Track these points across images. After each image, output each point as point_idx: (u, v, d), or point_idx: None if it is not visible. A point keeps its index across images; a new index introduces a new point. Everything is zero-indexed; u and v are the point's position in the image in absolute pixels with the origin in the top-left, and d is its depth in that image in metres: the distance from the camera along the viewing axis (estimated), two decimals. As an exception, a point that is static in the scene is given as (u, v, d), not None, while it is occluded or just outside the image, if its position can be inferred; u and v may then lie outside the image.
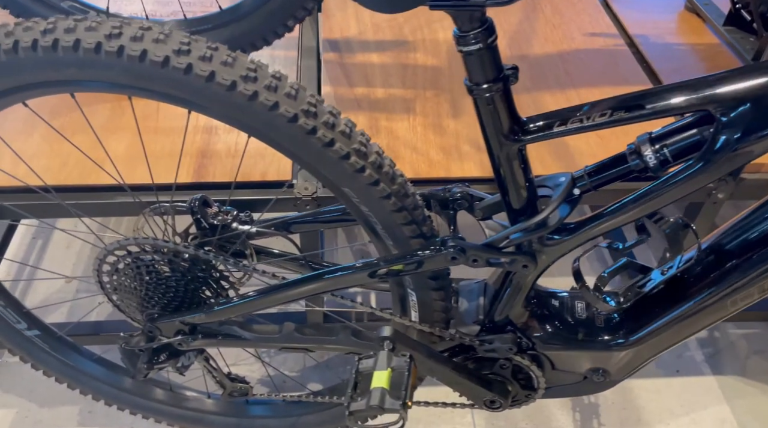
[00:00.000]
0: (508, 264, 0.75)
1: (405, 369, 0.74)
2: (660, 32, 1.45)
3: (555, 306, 0.84)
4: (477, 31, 0.60)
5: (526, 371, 0.86)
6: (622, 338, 0.81)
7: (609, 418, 1.27)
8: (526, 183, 0.71)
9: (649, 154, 0.65)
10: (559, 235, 0.72)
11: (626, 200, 0.68)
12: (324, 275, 0.81)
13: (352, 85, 1.27)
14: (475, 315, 0.86)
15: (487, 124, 0.67)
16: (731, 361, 1.38)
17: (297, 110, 0.67)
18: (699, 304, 0.75)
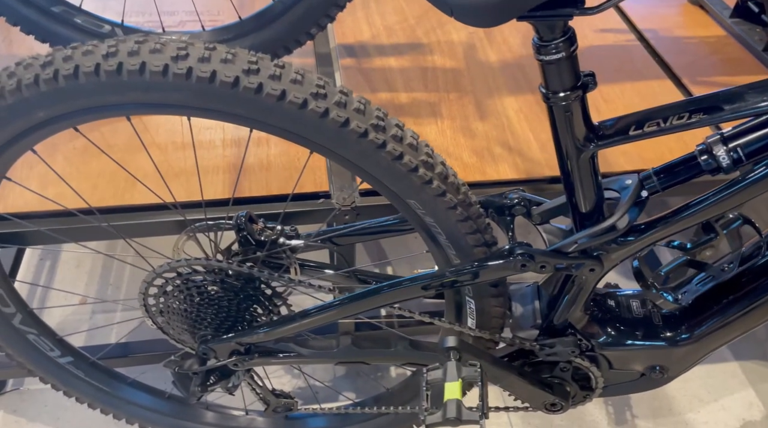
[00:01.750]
0: (575, 269, 0.75)
1: (477, 379, 0.74)
2: (668, 26, 1.47)
3: (612, 307, 0.85)
4: (559, 41, 0.60)
5: (585, 372, 0.86)
6: (681, 335, 0.82)
7: (641, 410, 1.29)
8: (594, 187, 0.71)
9: (722, 154, 0.66)
10: (627, 238, 0.73)
11: (697, 200, 0.68)
12: (384, 289, 0.79)
13: (374, 91, 1.25)
14: (533, 319, 0.86)
15: (561, 130, 0.66)
16: (752, 346, 1.41)
17: (367, 125, 0.66)
18: (758, 300, 0.76)
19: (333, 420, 1.08)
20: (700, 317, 0.80)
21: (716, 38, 1.44)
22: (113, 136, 1.10)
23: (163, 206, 0.90)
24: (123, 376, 1.08)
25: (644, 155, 1.12)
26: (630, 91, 1.28)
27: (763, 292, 0.75)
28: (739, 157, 0.65)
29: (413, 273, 0.80)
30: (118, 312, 1.44)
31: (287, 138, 0.68)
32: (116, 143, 1.09)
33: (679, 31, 1.46)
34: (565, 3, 0.56)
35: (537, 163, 1.11)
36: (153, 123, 1.14)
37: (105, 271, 1.51)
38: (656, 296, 0.79)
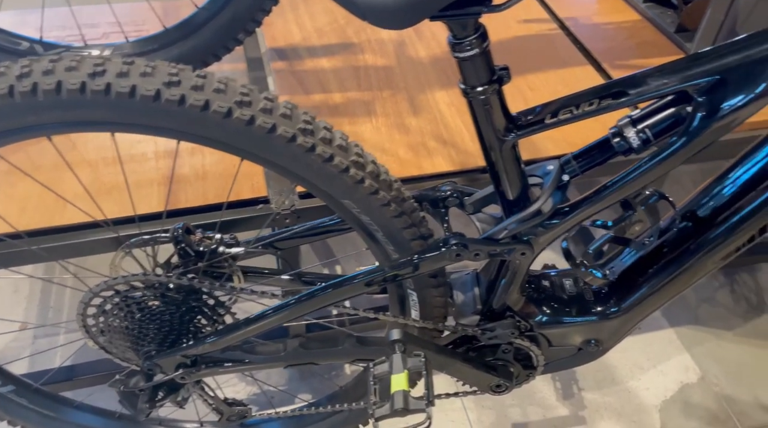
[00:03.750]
0: (507, 254, 0.78)
1: (422, 369, 0.76)
2: (587, 14, 1.54)
3: (547, 287, 0.89)
4: (472, 38, 0.62)
5: (526, 351, 0.90)
6: (611, 308, 0.86)
7: (587, 382, 1.35)
8: (519, 175, 0.74)
9: (632, 135, 0.70)
10: (553, 220, 0.76)
11: (614, 180, 0.73)
12: (327, 289, 0.81)
13: (308, 93, 1.26)
14: (474, 306, 0.89)
15: (482, 123, 0.69)
16: (685, 312, 1.49)
17: (294, 130, 0.67)
18: (679, 269, 0.81)
19: (288, 423, 1.09)
20: (628, 289, 0.85)
21: (632, 23, 1.51)
22: (40, 156, 1.07)
23: (95, 224, 0.88)
24: (69, 400, 1.06)
25: (569, 139, 1.17)
26: (554, 78, 1.33)
27: (681, 261, 0.80)
28: (648, 137, 0.70)
29: (356, 271, 0.82)
30: (61, 335, 1.40)
31: (216, 147, 0.68)
32: (44, 163, 1.06)
33: (598, 17, 1.53)
34: (473, 2, 0.58)
35: (470, 154, 1.14)
36: (81, 140, 1.11)
37: (44, 294, 1.46)
38: (585, 273, 0.83)
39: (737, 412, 1.30)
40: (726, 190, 0.76)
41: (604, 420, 1.28)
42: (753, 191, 0.74)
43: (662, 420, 1.28)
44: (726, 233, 0.76)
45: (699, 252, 0.78)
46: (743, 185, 0.75)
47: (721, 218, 0.76)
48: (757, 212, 0.74)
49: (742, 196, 0.75)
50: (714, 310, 1.50)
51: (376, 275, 0.79)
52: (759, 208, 0.73)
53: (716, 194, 0.77)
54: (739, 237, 0.76)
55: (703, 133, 0.65)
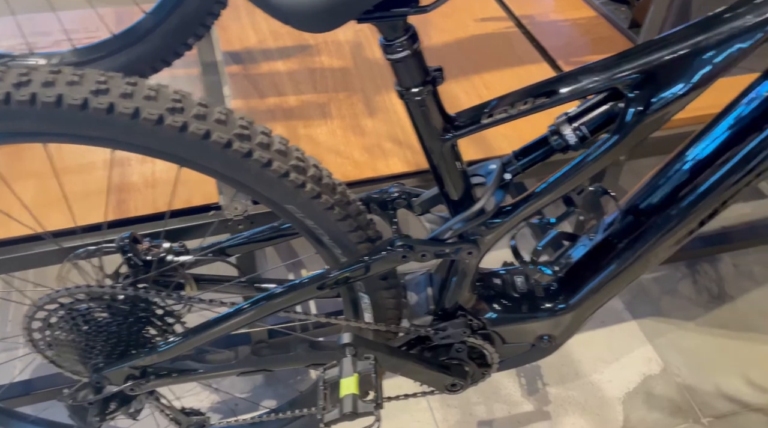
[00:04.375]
0: (454, 254, 0.79)
1: (372, 371, 0.76)
2: (543, 11, 1.55)
3: (498, 284, 0.89)
4: (402, 39, 0.62)
5: (480, 350, 0.90)
6: (561, 303, 0.87)
7: (551, 377, 1.36)
8: (460, 174, 0.74)
9: (569, 133, 0.70)
10: (497, 219, 0.76)
11: (554, 178, 0.73)
12: (277, 294, 0.80)
13: (262, 97, 1.25)
14: (426, 306, 0.89)
15: (420, 125, 0.69)
16: (647, 304, 1.51)
17: (230, 136, 0.66)
18: (625, 262, 0.82)
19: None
20: (576, 284, 0.86)
21: (587, 19, 1.52)
22: (-15, 167, 1.05)
23: (38, 237, 0.87)
24: (24, 415, 1.04)
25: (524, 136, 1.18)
26: (510, 76, 1.33)
27: (626, 254, 0.81)
28: (584, 134, 0.70)
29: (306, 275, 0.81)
30: (19, 350, 1.37)
31: (152, 155, 0.67)
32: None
33: (554, 15, 1.54)
34: (399, 4, 0.58)
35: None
36: (29, 150, 1.09)
37: (3, 308, 1.44)
38: (534, 271, 0.83)
39: (699, 402, 1.32)
40: (666, 183, 0.77)
41: (568, 414, 1.29)
42: (691, 184, 0.75)
43: (625, 413, 1.30)
44: (667, 226, 0.77)
45: (642, 245, 0.79)
46: (683, 178, 0.76)
47: (663, 211, 0.77)
48: (695, 205, 0.75)
49: (681, 189, 0.76)
50: (676, 301, 1.52)
51: (324, 279, 0.78)
52: (697, 201, 0.74)
53: (657, 188, 0.78)
54: (680, 229, 0.77)
55: (635, 129, 0.66)
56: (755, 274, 1.60)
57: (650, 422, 1.28)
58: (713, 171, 0.72)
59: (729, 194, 0.72)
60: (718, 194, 0.72)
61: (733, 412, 1.30)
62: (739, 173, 0.70)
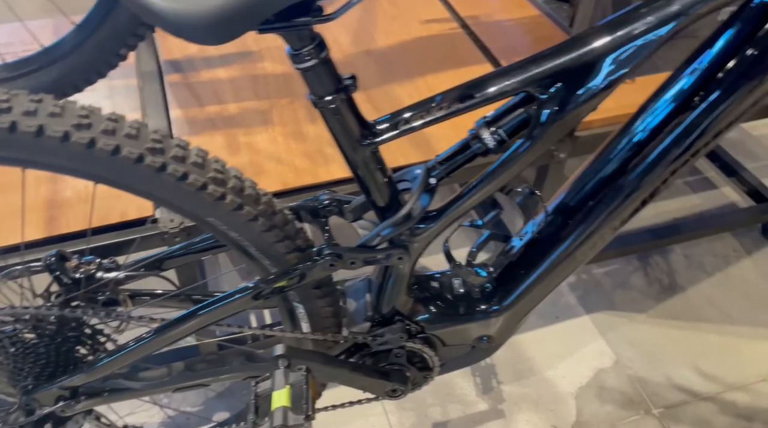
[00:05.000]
0: (385, 260, 0.78)
1: (303, 383, 0.75)
2: (488, 12, 1.56)
3: (435, 287, 0.89)
4: (309, 48, 0.61)
5: (420, 354, 0.90)
6: (497, 304, 0.87)
7: (506, 375, 1.37)
8: (385, 181, 0.74)
9: (487, 136, 0.71)
10: (424, 223, 0.76)
11: (476, 181, 0.73)
12: (205, 308, 0.79)
13: (202, 105, 1.23)
14: (364, 313, 0.88)
15: (337, 133, 0.69)
16: (600, 298, 1.53)
17: (141, 150, 0.65)
18: (556, 259, 0.82)
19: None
20: (510, 285, 0.86)
21: (530, 18, 1.54)
22: None
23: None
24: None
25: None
26: (454, 78, 1.33)
27: (556, 251, 0.81)
28: (503, 137, 0.71)
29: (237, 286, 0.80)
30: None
31: (64, 173, 0.66)
32: None
33: (498, 15, 1.55)
34: (301, 13, 0.58)
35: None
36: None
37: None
38: (467, 273, 0.84)
39: (650, 393, 1.34)
40: (588, 182, 0.78)
41: (522, 411, 1.30)
42: (612, 183, 0.75)
43: (578, 407, 1.31)
44: (590, 225, 0.78)
45: (569, 244, 0.80)
46: (603, 177, 0.76)
47: (587, 209, 0.78)
48: (616, 203, 0.75)
49: (602, 188, 0.76)
50: (628, 294, 1.54)
51: (253, 290, 0.77)
52: (618, 200, 0.75)
53: (580, 187, 0.79)
54: (603, 227, 0.77)
55: (549, 130, 0.67)
56: (705, 264, 1.63)
57: (602, 415, 1.30)
58: (629, 171, 0.73)
59: (647, 192, 0.73)
60: (637, 193, 0.73)
61: (683, 402, 1.32)
62: (655, 172, 0.71)
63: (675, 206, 1.77)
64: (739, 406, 1.31)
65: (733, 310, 1.51)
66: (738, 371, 1.38)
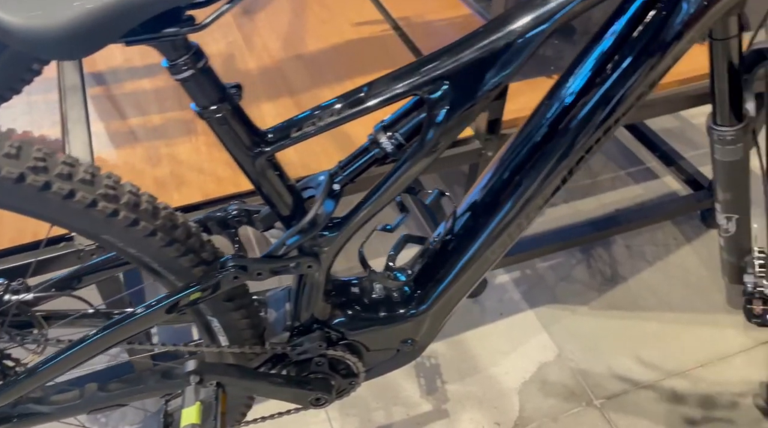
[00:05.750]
0: (295, 269, 0.77)
1: (212, 399, 0.74)
2: (420, 12, 1.56)
3: (355, 293, 0.88)
4: (185, 58, 0.60)
5: (343, 361, 0.89)
6: (417, 306, 0.87)
7: (450, 375, 1.37)
8: (286, 189, 0.73)
9: (385, 141, 0.70)
10: (331, 230, 0.76)
11: (378, 185, 0.73)
12: (113, 325, 0.77)
13: (124, 117, 1.21)
14: (284, 322, 0.87)
15: (227, 143, 0.67)
16: (543, 292, 1.54)
17: (22, 170, 0.63)
18: (472, 256, 0.82)
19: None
20: (429, 286, 0.86)
21: (462, 17, 1.54)
22: None
23: None
24: None
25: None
26: (383, 80, 1.33)
27: (467, 251, 0.81)
28: (400, 141, 0.70)
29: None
30: None
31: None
32: None
33: (430, 15, 1.55)
34: (170, 23, 0.56)
35: (293, 165, 1.13)
36: None
37: None
38: (382, 278, 0.83)
39: (591, 384, 1.35)
40: (494, 180, 0.78)
41: (466, 410, 1.30)
42: (515, 179, 0.75)
43: (521, 402, 1.32)
44: (499, 222, 0.78)
45: (479, 241, 0.80)
46: (508, 175, 0.76)
47: (494, 206, 0.78)
48: (520, 199, 0.76)
49: (507, 185, 0.76)
50: (571, 287, 1.56)
51: (156, 307, 0.76)
52: (521, 196, 0.75)
53: (487, 185, 0.79)
54: (510, 224, 0.78)
55: (441, 132, 0.66)
56: (646, 253, 1.65)
57: (545, 409, 1.31)
58: (529, 169, 0.73)
59: (549, 189, 0.74)
60: (537, 190, 0.74)
61: (624, 391, 1.34)
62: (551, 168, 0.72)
63: (617, 197, 1.80)
64: (678, 393, 1.33)
65: (673, 297, 1.53)
66: (677, 358, 1.40)
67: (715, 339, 1.43)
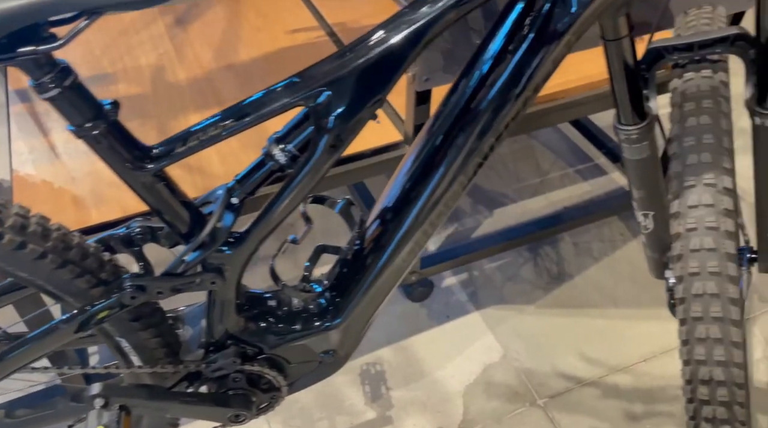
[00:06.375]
0: (198, 286, 0.76)
1: (114, 423, 0.72)
2: (356, 17, 1.55)
3: (271, 306, 0.87)
4: (51, 76, 0.59)
5: (262, 375, 0.88)
6: (333, 317, 0.86)
7: (395, 380, 1.36)
8: (182, 206, 0.72)
9: (278, 153, 0.69)
10: (232, 245, 0.74)
11: (274, 198, 0.72)
12: (18, 348, 0.75)
13: (47, 135, 1.18)
14: (199, 339, 0.86)
15: (109, 160, 0.66)
16: (490, 293, 1.54)
17: None
18: (380, 267, 0.81)
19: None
20: (346, 295, 0.85)
21: (398, 22, 1.53)
22: None
23: None
24: None
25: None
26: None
27: (379, 259, 0.80)
28: (294, 153, 0.69)
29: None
30: None
31: None
32: None
33: (366, 20, 1.54)
34: (26, 42, 0.55)
35: (218, 177, 1.11)
36: None
37: None
38: (294, 291, 0.82)
39: (536, 384, 1.35)
40: (399, 186, 0.77)
41: (410, 415, 1.30)
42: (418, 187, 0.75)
43: (465, 405, 1.31)
44: (406, 226, 0.77)
45: (389, 248, 0.79)
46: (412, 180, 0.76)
47: (399, 212, 0.77)
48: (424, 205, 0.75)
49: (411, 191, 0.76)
50: (518, 287, 1.56)
51: (59, 329, 0.74)
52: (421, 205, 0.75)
53: (391, 192, 0.78)
54: (416, 229, 0.77)
55: (329, 143, 0.66)
56: (593, 250, 1.66)
57: (489, 411, 1.30)
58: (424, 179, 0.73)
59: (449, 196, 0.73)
60: (436, 199, 0.73)
61: (567, 389, 1.34)
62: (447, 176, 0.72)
63: (566, 195, 1.81)
64: (621, 388, 1.34)
65: (619, 293, 1.54)
66: (621, 353, 1.40)
67: (660, 333, 1.44)
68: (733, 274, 0.70)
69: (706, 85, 0.75)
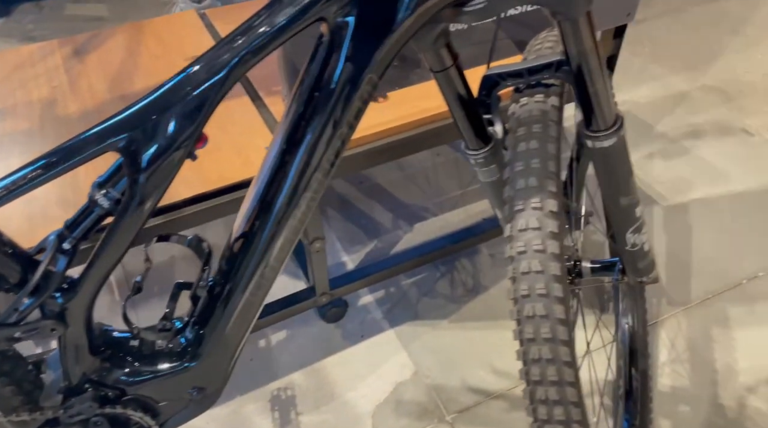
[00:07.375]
0: (35, 334, 0.75)
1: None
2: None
3: (131, 347, 0.86)
4: None
5: (128, 417, 0.87)
6: (195, 353, 0.85)
7: (306, 404, 1.36)
8: (9, 256, 0.71)
9: (101, 198, 0.69)
10: (67, 291, 0.73)
11: (101, 242, 0.71)
12: None
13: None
14: (58, 384, 0.84)
15: None
16: (405, 310, 1.54)
17: None
18: (234, 300, 0.81)
19: None
20: (205, 331, 0.84)
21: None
22: None
23: None
24: None
25: (207, 176, 1.17)
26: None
27: (231, 292, 0.79)
28: (116, 197, 0.69)
29: None
30: None
31: None
32: None
33: (268, 43, 1.55)
34: None
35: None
36: None
37: None
38: (152, 331, 0.81)
39: (445, 400, 1.36)
40: (243, 216, 0.77)
41: (318, 440, 1.29)
42: (262, 214, 0.75)
43: (374, 426, 1.31)
44: (258, 251, 0.76)
45: (239, 281, 0.79)
46: (253, 208, 0.75)
47: (246, 245, 0.77)
48: (270, 236, 0.75)
49: (260, 214, 0.75)
50: (432, 302, 1.57)
51: None
52: (266, 233, 0.75)
53: (240, 223, 0.78)
54: (274, 249, 0.76)
55: (143, 186, 0.66)
56: (510, 260, 1.67)
57: (397, 430, 1.31)
58: (267, 215, 0.73)
59: (280, 246, 0.74)
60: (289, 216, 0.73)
61: (476, 403, 1.35)
62: (274, 227, 0.72)
63: (485, 207, 1.82)
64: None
65: (532, 302, 1.56)
66: (530, 363, 1.42)
67: (569, 340, 1.45)
68: (560, 295, 0.71)
69: (537, 110, 0.76)
